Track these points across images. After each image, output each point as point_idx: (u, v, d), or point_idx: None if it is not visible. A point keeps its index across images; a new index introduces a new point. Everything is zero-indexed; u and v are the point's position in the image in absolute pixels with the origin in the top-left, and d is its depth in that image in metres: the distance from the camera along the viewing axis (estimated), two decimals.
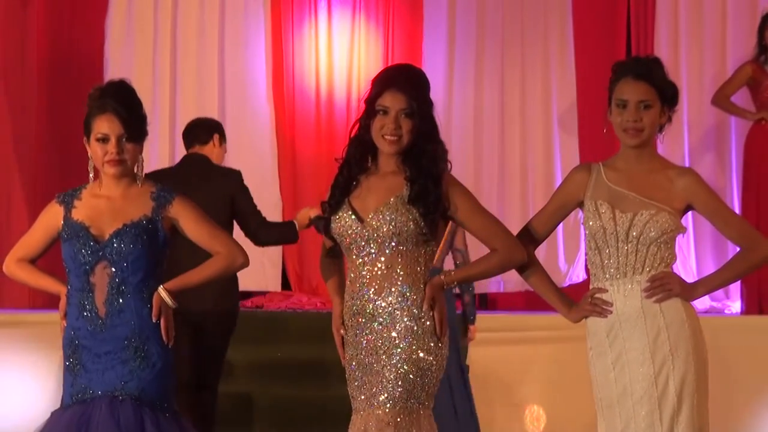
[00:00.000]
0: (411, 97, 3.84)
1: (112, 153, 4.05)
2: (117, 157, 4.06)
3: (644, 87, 3.94)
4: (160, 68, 8.32)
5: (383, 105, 3.85)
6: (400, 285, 3.85)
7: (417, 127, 3.85)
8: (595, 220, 3.95)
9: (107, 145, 4.06)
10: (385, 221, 3.83)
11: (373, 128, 3.87)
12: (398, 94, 3.84)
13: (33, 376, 6.45)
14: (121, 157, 4.07)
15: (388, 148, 3.87)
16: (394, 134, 3.84)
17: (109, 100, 4.07)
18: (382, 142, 3.87)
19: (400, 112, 3.84)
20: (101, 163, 4.09)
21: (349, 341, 3.93)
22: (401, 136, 3.85)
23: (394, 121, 3.84)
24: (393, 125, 3.84)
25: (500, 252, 3.92)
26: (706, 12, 8.66)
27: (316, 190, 8.28)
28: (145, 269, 4.07)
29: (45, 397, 5.95)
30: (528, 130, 8.72)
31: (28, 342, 6.52)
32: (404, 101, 3.84)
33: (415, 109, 3.84)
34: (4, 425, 6.29)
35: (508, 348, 7.07)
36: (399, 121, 3.84)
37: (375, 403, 3.83)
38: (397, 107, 3.84)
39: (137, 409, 3.99)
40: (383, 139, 3.86)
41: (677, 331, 3.88)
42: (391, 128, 3.84)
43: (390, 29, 8.83)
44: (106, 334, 4.04)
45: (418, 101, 3.85)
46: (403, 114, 3.84)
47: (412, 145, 3.87)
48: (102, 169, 4.10)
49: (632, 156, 3.99)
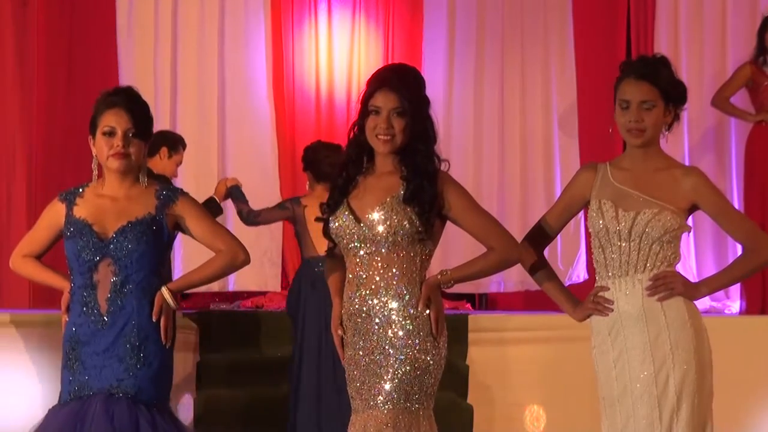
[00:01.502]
0: (402, 97, 3.85)
1: (118, 146, 4.06)
2: (123, 150, 4.06)
3: (646, 87, 3.94)
4: (160, 68, 8.31)
5: (375, 105, 3.86)
6: (396, 285, 3.85)
7: (410, 126, 3.86)
8: (599, 218, 3.96)
9: (113, 139, 4.07)
10: (381, 221, 3.83)
11: (367, 128, 3.89)
12: (390, 93, 3.85)
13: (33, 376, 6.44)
14: (127, 150, 4.07)
15: (382, 147, 3.88)
16: (387, 133, 3.85)
17: (117, 97, 4.10)
18: (376, 142, 3.88)
19: (391, 111, 3.85)
20: (105, 158, 4.09)
21: (348, 341, 3.93)
22: (394, 135, 3.86)
23: (386, 120, 3.85)
24: (385, 125, 3.85)
25: (497, 251, 3.92)
26: (706, 12, 8.66)
27: None
28: (149, 267, 4.08)
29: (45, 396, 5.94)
30: (528, 130, 8.72)
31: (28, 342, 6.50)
32: (396, 100, 3.85)
33: (407, 108, 3.85)
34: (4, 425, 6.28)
35: (508, 348, 7.07)
36: (391, 120, 3.85)
37: (374, 403, 3.83)
38: (389, 107, 3.85)
39: (132, 407, 4.00)
40: (377, 139, 3.87)
41: (678, 331, 3.88)
42: (383, 128, 3.85)
43: (390, 29, 8.83)
44: (107, 331, 4.05)
45: (411, 100, 3.86)
46: (395, 113, 3.85)
47: (407, 145, 3.88)
48: (106, 164, 4.11)
49: (638, 155, 4.00)
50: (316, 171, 6.69)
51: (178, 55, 8.35)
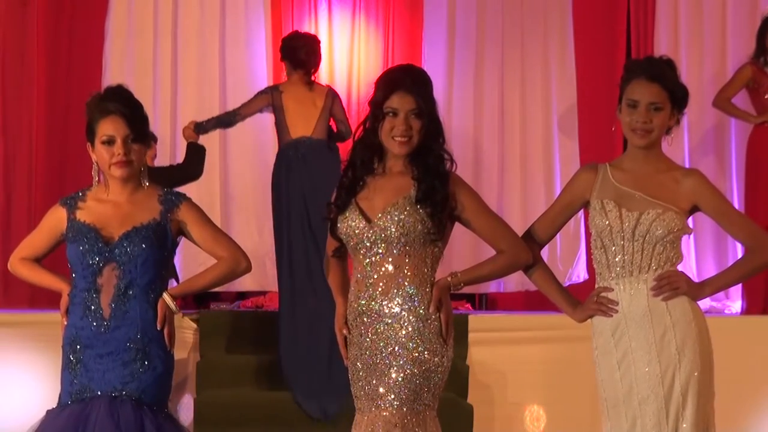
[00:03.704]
0: (419, 98, 3.85)
1: (120, 154, 4.05)
2: (124, 158, 4.05)
3: (656, 89, 3.94)
4: (160, 68, 8.31)
5: (392, 107, 3.86)
6: (407, 286, 3.85)
7: (425, 126, 3.86)
8: (602, 218, 3.95)
9: (113, 147, 4.05)
10: (393, 221, 3.83)
11: (383, 130, 3.88)
12: (406, 95, 3.85)
13: (33, 376, 6.45)
14: (128, 158, 4.06)
15: (399, 149, 3.88)
16: (405, 135, 3.86)
17: (111, 103, 4.07)
18: (393, 144, 3.88)
19: (409, 113, 3.85)
20: (108, 166, 4.08)
21: (354, 341, 3.93)
22: (411, 136, 3.86)
23: (404, 122, 3.85)
24: (403, 126, 3.85)
25: (507, 253, 3.93)
26: (706, 12, 8.66)
27: None
28: (153, 271, 4.08)
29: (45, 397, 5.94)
30: (528, 130, 8.72)
31: (28, 342, 6.51)
32: (413, 102, 3.85)
33: (424, 109, 3.85)
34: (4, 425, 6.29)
35: (508, 348, 7.07)
36: (409, 122, 3.85)
37: (382, 404, 3.83)
38: (406, 108, 3.85)
39: (137, 409, 4.00)
40: (393, 141, 3.87)
41: (684, 331, 3.88)
42: (401, 129, 3.85)
43: (390, 29, 8.83)
44: (110, 335, 4.05)
45: (426, 101, 3.87)
46: (413, 115, 3.86)
47: (420, 145, 3.88)
48: (108, 173, 4.09)
49: (639, 156, 4.00)
50: (293, 58, 7.19)
51: (178, 54, 8.34)
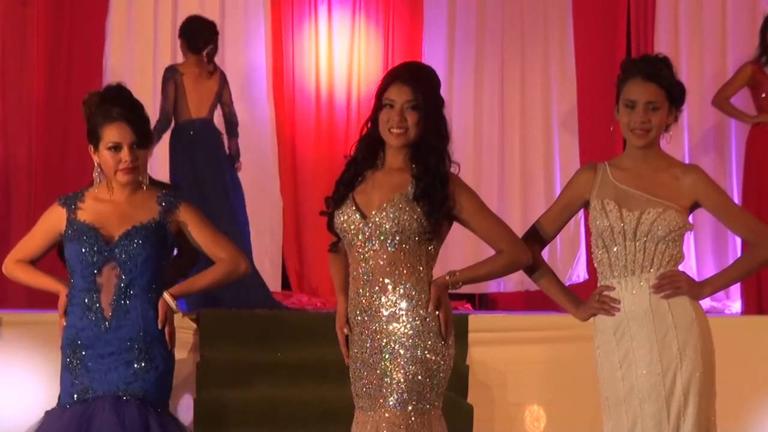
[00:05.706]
0: (416, 90, 3.84)
1: (127, 162, 4.05)
2: (131, 165, 4.06)
3: (653, 88, 3.93)
4: (160, 68, 8.31)
5: (389, 98, 3.86)
6: (403, 283, 3.84)
7: (423, 120, 3.85)
8: (602, 218, 3.95)
9: (120, 154, 4.05)
10: (388, 218, 3.83)
11: (380, 122, 3.88)
12: (403, 86, 3.85)
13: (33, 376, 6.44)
14: (135, 164, 4.07)
15: (395, 140, 3.87)
16: (400, 126, 3.85)
17: (115, 107, 4.06)
18: (389, 135, 3.87)
19: (405, 104, 3.85)
20: (113, 172, 4.07)
21: (354, 339, 3.93)
22: (407, 128, 3.85)
23: (399, 113, 3.84)
24: (398, 117, 3.84)
25: (506, 253, 3.92)
26: (706, 12, 8.67)
27: (316, 190, 8.28)
28: (153, 271, 4.08)
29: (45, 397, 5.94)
30: (528, 130, 8.72)
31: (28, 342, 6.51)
32: (409, 93, 3.84)
33: (421, 102, 3.84)
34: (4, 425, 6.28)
35: (508, 348, 7.06)
36: (404, 113, 3.85)
37: (386, 405, 3.82)
38: (403, 99, 3.84)
39: (142, 409, 4.01)
40: (389, 132, 3.87)
41: (686, 330, 3.88)
42: (396, 120, 3.84)
43: (390, 29, 8.84)
44: (111, 335, 4.05)
45: (424, 95, 3.85)
46: (409, 107, 3.85)
47: (420, 140, 3.87)
48: (114, 178, 4.09)
49: (639, 155, 3.99)
50: (190, 42, 7.53)
51: (177, 55, 8.35)
